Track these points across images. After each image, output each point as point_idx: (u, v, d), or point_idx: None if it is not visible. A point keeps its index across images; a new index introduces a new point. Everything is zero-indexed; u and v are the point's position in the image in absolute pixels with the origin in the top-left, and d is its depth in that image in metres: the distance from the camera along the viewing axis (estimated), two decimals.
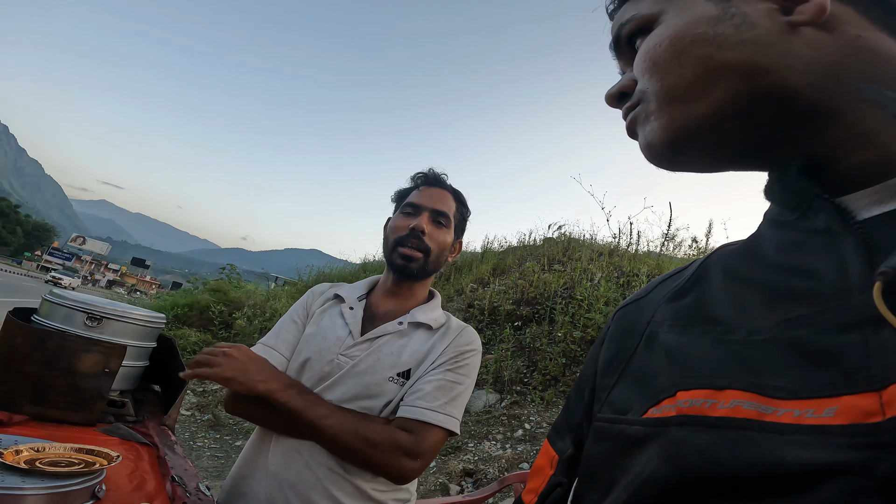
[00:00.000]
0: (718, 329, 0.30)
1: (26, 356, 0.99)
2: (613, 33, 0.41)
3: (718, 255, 0.38)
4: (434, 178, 1.10)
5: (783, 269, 0.30)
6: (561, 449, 0.42)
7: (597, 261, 5.96)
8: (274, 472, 0.88)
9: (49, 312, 1.11)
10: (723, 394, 0.26)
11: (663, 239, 6.49)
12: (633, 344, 0.37)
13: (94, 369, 1.05)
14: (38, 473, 0.57)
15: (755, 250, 0.34)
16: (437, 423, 0.87)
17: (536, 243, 7.90)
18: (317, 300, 1.08)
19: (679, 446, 0.26)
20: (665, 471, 0.26)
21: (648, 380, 0.33)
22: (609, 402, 0.36)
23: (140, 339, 1.20)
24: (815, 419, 0.22)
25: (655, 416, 0.29)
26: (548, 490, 0.40)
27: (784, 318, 0.27)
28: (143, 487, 0.70)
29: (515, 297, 5.39)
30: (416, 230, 1.00)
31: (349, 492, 0.87)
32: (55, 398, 1.00)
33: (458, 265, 7.62)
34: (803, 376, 0.24)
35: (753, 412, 0.24)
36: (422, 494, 2.98)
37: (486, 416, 3.78)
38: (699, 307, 0.33)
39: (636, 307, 0.41)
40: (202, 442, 4.17)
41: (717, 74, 0.32)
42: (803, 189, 0.31)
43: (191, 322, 7.63)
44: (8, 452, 0.60)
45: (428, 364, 0.94)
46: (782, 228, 0.32)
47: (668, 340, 0.33)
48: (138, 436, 0.98)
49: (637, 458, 0.29)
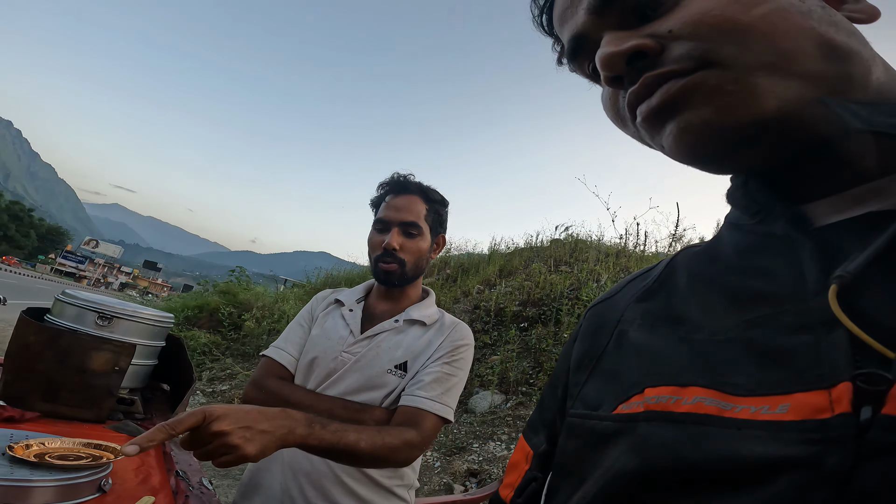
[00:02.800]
0: (684, 328, 0.31)
1: (39, 354, 1.01)
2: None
3: (683, 255, 0.38)
4: (398, 184, 1.11)
5: (743, 271, 0.31)
6: (535, 444, 0.42)
7: (603, 262, 5.93)
8: (288, 462, 0.95)
9: (61, 312, 1.14)
10: (686, 390, 0.27)
11: (671, 239, 6.45)
12: (604, 342, 0.38)
13: (105, 367, 1.08)
14: (47, 466, 0.59)
15: (717, 253, 0.34)
16: (433, 412, 0.95)
17: (543, 244, 7.88)
18: (320, 305, 1.16)
19: (646, 441, 0.27)
20: (633, 464, 0.27)
21: (618, 377, 0.33)
22: (581, 399, 0.36)
23: (149, 338, 1.22)
24: (770, 415, 0.23)
25: (625, 412, 0.30)
26: (523, 485, 0.41)
27: (744, 319, 0.28)
28: (149, 481, 0.72)
29: (522, 298, 5.38)
30: (388, 249, 1.05)
31: (359, 479, 0.95)
32: (66, 395, 1.03)
33: (465, 267, 7.62)
34: (760, 374, 0.25)
35: (714, 408, 0.25)
36: (425, 494, 2.99)
37: (491, 417, 3.78)
38: (666, 307, 0.34)
39: (606, 306, 0.42)
40: None
41: (833, 53, 0.28)
42: (765, 196, 0.32)
43: (201, 324, 7.71)
44: (18, 447, 0.62)
45: (425, 357, 1.02)
46: (742, 232, 0.33)
47: (636, 339, 0.34)
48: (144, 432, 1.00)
49: (607, 453, 0.30)
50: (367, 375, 0.99)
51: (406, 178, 1.12)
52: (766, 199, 0.32)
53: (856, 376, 0.22)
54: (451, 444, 3.60)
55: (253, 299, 8.23)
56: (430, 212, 1.10)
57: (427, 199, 1.11)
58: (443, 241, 1.17)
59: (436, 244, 1.14)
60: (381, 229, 1.09)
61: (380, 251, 1.06)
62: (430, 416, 0.95)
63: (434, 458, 3.50)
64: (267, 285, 11.22)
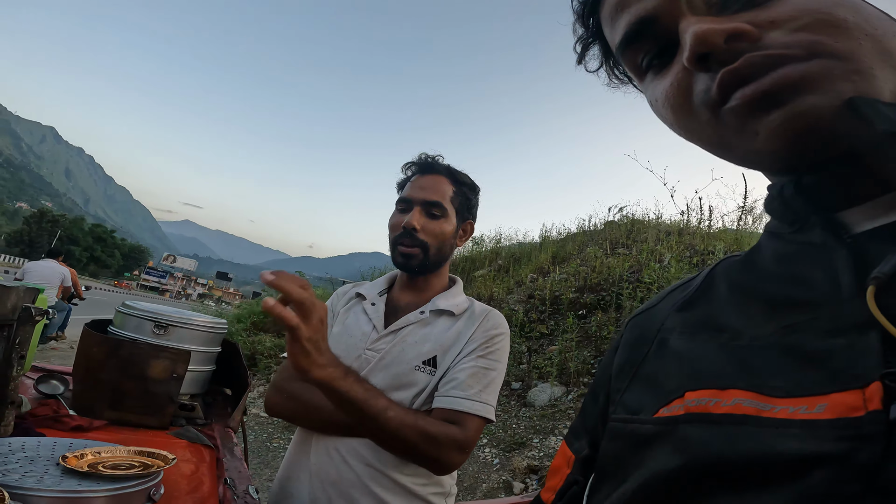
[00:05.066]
0: (724, 336, 0.33)
1: (102, 364, 1.06)
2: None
3: (724, 265, 0.40)
4: (425, 164, 1.05)
5: (782, 279, 0.32)
6: (577, 449, 0.44)
7: (665, 241, 5.60)
8: (316, 471, 0.90)
9: (122, 323, 1.20)
10: (726, 393, 0.29)
11: (740, 212, 5.97)
12: (645, 350, 0.39)
13: (164, 374, 1.11)
14: (97, 476, 0.59)
15: (756, 262, 0.36)
16: (474, 413, 0.87)
17: (597, 228, 7.59)
18: (340, 300, 1.10)
19: (686, 441, 0.29)
20: (673, 463, 0.29)
21: (659, 382, 0.35)
22: (622, 404, 0.38)
23: (204, 344, 1.25)
24: (807, 415, 0.25)
25: (666, 416, 0.32)
26: (565, 487, 0.42)
27: (782, 325, 0.29)
28: (199, 490, 0.72)
29: (578, 284, 5.20)
30: (408, 228, 0.97)
31: (388, 486, 0.87)
32: (131, 403, 1.07)
33: (517, 256, 7.49)
34: (798, 377, 0.27)
35: (752, 409, 0.27)
36: (484, 493, 2.94)
37: (551, 411, 3.67)
38: (707, 316, 0.36)
39: (647, 316, 0.43)
40: (278, 442, 4.41)
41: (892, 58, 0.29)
42: (801, 205, 0.33)
43: (266, 328, 8.14)
44: (72, 457, 0.63)
45: (456, 351, 0.93)
46: (781, 241, 0.34)
47: (677, 346, 0.36)
48: (204, 438, 1.02)
49: (648, 454, 0.31)
50: (394, 374, 0.92)
51: (433, 158, 1.05)
52: (802, 207, 0.33)
53: (885, 375, 0.23)
54: (509, 439, 3.52)
55: None
56: (457, 194, 1.03)
57: (454, 181, 1.04)
58: (470, 228, 1.08)
59: (462, 231, 1.06)
60: (402, 209, 1.02)
61: (399, 231, 0.99)
62: (471, 417, 0.86)
63: (492, 454, 3.44)
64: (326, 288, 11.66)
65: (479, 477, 3.19)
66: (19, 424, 0.87)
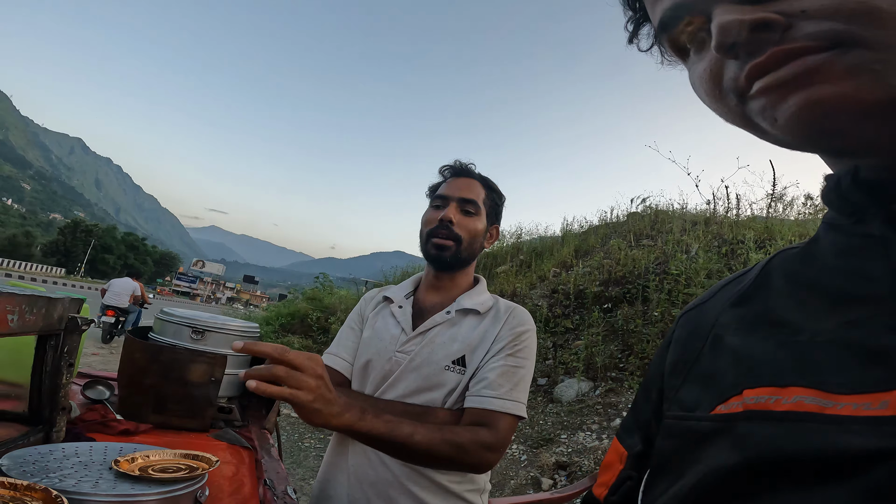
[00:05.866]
0: (783, 332, 0.32)
1: (146, 370, 1.10)
2: None
3: (780, 259, 0.39)
4: (460, 168, 1.12)
5: (842, 273, 0.32)
6: (630, 445, 0.44)
7: (691, 231, 5.47)
8: (354, 472, 0.93)
9: (162, 329, 1.24)
10: (786, 391, 0.29)
11: (769, 200, 5.78)
12: (699, 346, 0.39)
13: (202, 378, 1.14)
14: (147, 480, 0.61)
15: (815, 254, 0.35)
16: (505, 411, 0.89)
17: (620, 219, 7.46)
18: (369, 305, 1.14)
19: (746, 437, 0.29)
20: (732, 458, 0.29)
21: (715, 379, 0.35)
22: (677, 401, 0.38)
23: None
24: (871, 411, 0.25)
25: (723, 413, 0.32)
26: (618, 483, 0.43)
27: (843, 321, 0.29)
28: (241, 491, 0.74)
29: (602, 277, 5.12)
30: (445, 220, 1.02)
31: (425, 486, 0.90)
32: (173, 407, 1.11)
33: (539, 251, 7.42)
34: (861, 373, 0.27)
35: (815, 406, 0.27)
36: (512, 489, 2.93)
37: (579, 406, 3.63)
38: (763, 311, 0.35)
39: (700, 311, 0.43)
40: (309, 443, 4.49)
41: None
42: (859, 196, 0.32)
43: (293, 329, 8.29)
44: (124, 460, 0.66)
45: (484, 350, 0.96)
46: (840, 233, 0.34)
47: (733, 342, 0.35)
48: (242, 440, 1.05)
49: (706, 451, 0.31)
50: (425, 375, 0.95)
51: (468, 165, 1.12)
52: (860, 198, 0.32)
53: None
54: (537, 435, 3.50)
55: (337, 303, 8.68)
56: (488, 198, 1.09)
57: (486, 186, 1.10)
58: (496, 232, 1.14)
59: (489, 233, 1.11)
60: (438, 206, 1.07)
61: (435, 224, 1.03)
62: (503, 416, 0.88)
63: (519, 451, 3.42)
64: (349, 288, 11.81)
65: (506, 474, 3.19)
66: (70, 430, 0.92)
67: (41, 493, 0.50)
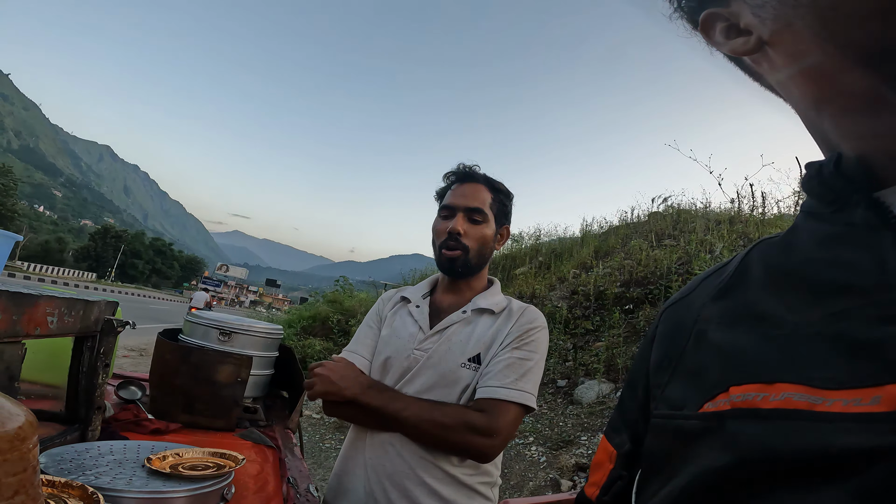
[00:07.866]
0: (766, 324, 0.31)
1: (176, 370, 1.14)
2: None
3: (759, 249, 0.38)
4: (464, 173, 1.13)
5: (824, 262, 0.31)
6: (618, 444, 0.44)
7: (715, 230, 5.34)
8: (371, 465, 0.96)
9: (191, 331, 1.28)
10: (773, 387, 0.28)
11: (797, 198, 5.61)
12: (683, 342, 0.38)
13: (229, 379, 1.18)
14: (178, 477, 0.64)
15: (795, 244, 0.34)
16: (509, 399, 0.91)
17: (640, 219, 7.34)
18: (387, 305, 1.17)
19: (736, 437, 0.28)
20: (723, 459, 0.28)
21: (701, 376, 0.34)
22: (664, 399, 0.37)
23: (263, 349, 1.32)
24: (862, 407, 0.24)
25: (711, 411, 0.31)
26: (609, 483, 0.42)
27: (829, 312, 0.28)
28: (265, 489, 0.76)
29: (623, 278, 5.05)
30: (453, 233, 1.05)
31: (439, 477, 0.94)
32: (201, 407, 1.14)
33: (558, 252, 7.36)
34: (850, 367, 0.26)
35: (804, 403, 0.26)
36: (531, 491, 2.91)
37: (599, 408, 3.59)
38: (745, 304, 0.34)
39: (682, 305, 0.42)
40: (329, 443, 4.54)
41: None
42: (842, 184, 0.31)
43: (315, 332, 8.40)
44: (156, 458, 0.68)
45: (497, 347, 0.99)
46: (821, 222, 0.33)
47: (716, 338, 0.35)
48: (266, 439, 1.07)
49: (696, 450, 0.31)
50: (441, 372, 0.98)
51: (471, 168, 1.13)
52: (843, 186, 0.31)
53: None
54: (556, 437, 3.47)
55: (357, 305, 8.77)
56: (494, 201, 1.10)
57: (492, 189, 1.11)
58: (507, 232, 1.16)
59: (500, 235, 1.13)
60: (446, 216, 1.09)
61: (444, 237, 1.06)
62: (507, 404, 0.91)
63: (539, 452, 3.40)
64: (368, 291, 11.91)
65: (525, 475, 3.17)
66: (105, 428, 0.95)
67: (78, 490, 0.52)
